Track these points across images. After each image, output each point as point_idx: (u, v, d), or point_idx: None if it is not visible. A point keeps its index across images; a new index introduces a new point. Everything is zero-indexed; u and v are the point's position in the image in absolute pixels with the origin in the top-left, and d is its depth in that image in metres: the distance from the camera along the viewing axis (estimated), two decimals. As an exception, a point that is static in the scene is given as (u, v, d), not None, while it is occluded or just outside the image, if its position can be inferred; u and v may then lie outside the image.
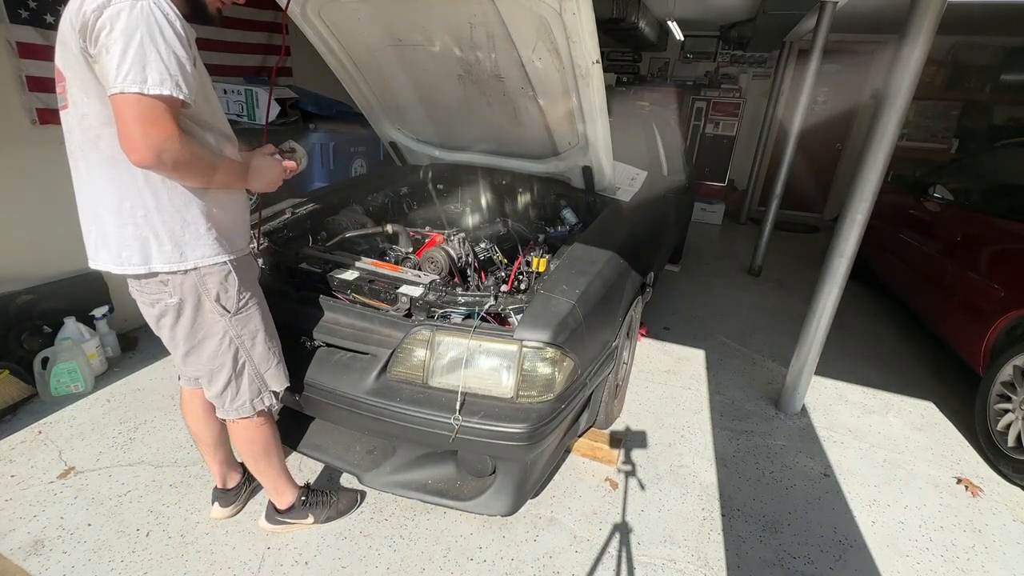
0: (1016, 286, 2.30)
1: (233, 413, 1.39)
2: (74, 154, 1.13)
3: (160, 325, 1.27)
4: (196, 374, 1.37)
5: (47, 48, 2.27)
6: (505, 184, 2.66)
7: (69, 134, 1.11)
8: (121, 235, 1.12)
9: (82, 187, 1.15)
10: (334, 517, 1.71)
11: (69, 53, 1.01)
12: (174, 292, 1.19)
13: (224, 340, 1.28)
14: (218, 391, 1.35)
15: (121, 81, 0.93)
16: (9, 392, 2.14)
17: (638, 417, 2.39)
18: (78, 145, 1.10)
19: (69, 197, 1.19)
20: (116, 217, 1.11)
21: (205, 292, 1.22)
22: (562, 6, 1.55)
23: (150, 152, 0.97)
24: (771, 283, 4.33)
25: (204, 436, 1.59)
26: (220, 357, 1.30)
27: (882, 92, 1.96)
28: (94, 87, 1.02)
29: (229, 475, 1.69)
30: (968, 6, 3.98)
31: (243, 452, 1.51)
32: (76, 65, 1.01)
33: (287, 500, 1.61)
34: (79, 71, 1.02)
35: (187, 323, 1.24)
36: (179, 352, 1.31)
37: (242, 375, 1.35)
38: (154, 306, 1.22)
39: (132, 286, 1.24)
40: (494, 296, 1.57)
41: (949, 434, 2.45)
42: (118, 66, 0.93)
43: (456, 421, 1.39)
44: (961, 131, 5.66)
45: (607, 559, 1.66)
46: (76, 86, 1.04)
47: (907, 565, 1.72)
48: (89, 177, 1.12)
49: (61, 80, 1.07)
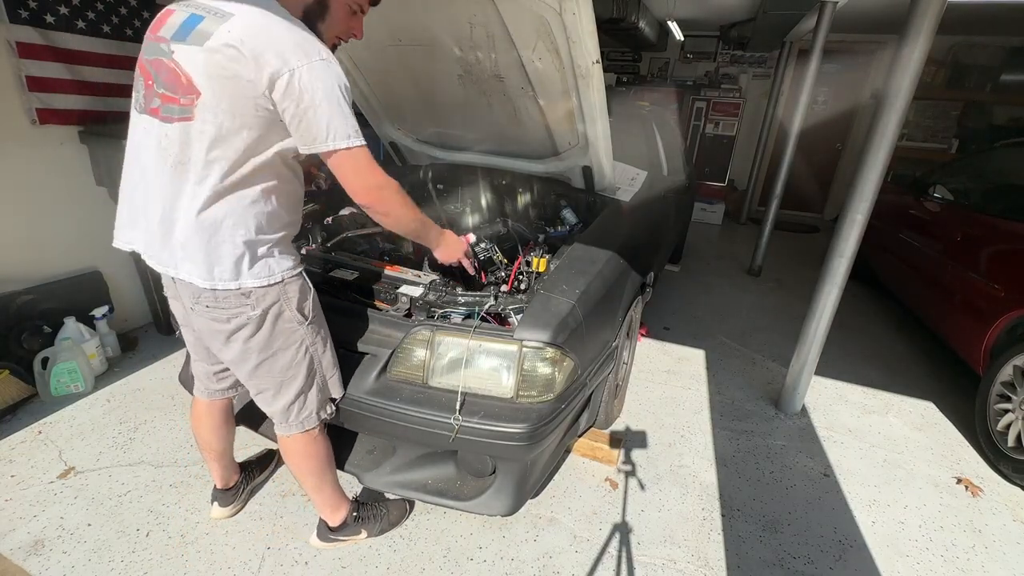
0: (1016, 286, 2.30)
1: (297, 427, 1.35)
2: (177, 166, 1.07)
3: (232, 340, 1.20)
4: (263, 388, 1.31)
5: (47, 48, 2.27)
6: (505, 184, 2.65)
7: (182, 145, 1.05)
8: (217, 252, 1.10)
9: (174, 199, 1.09)
10: (387, 529, 1.69)
11: (229, 81, 1.00)
12: (257, 304, 1.17)
13: (301, 348, 1.27)
14: (286, 403, 1.31)
15: (337, 139, 1.04)
16: (9, 392, 2.14)
17: (638, 417, 2.39)
18: (192, 160, 1.06)
19: (69, 197, 1.19)
20: (214, 234, 1.09)
21: (286, 301, 1.21)
22: (562, 6, 1.55)
23: (374, 192, 1.16)
24: (771, 283, 4.34)
25: (216, 445, 1.58)
26: (294, 367, 1.28)
27: (882, 92, 1.96)
28: (248, 120, 1.03)
29: (230, 477, 1.69)
30: (968, 6, 3.98)
31: (301, 470, 1.45)
32: (236, 96, 1.00)
33: (340, 516, 1.57)
34: (238, 102, 1.01)
35: (265, 334, 1.21)
36: (247, 366, 1.25)
37: (312, 384, 1.33)
38: (229, 321, 1.17)
39: (201, 302, 1.16)
40: (494, 296, 1.57)
41: (949, 434, 2.45)
42: (328, 125, 1.03)
43: (456, 421, 1.39)
44: (961, 131, 5.66)
45: (607, 559, 1.66)
46: (223, 111, 1.02)
47: (907, 565, 1.72)
48: (191, 192, 1.07)
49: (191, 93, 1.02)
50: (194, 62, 1.02)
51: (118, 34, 2.55)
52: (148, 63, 1.08)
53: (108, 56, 2.52)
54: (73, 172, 2.47)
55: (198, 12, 1.05)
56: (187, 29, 1.04)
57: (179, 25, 1.05)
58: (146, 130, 1.10)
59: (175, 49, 1.04)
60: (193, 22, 1.04)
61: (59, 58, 2.32)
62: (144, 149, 1.12)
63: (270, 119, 1.05)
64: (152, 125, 1.09)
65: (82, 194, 2.50)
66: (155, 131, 1.08)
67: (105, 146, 2.36)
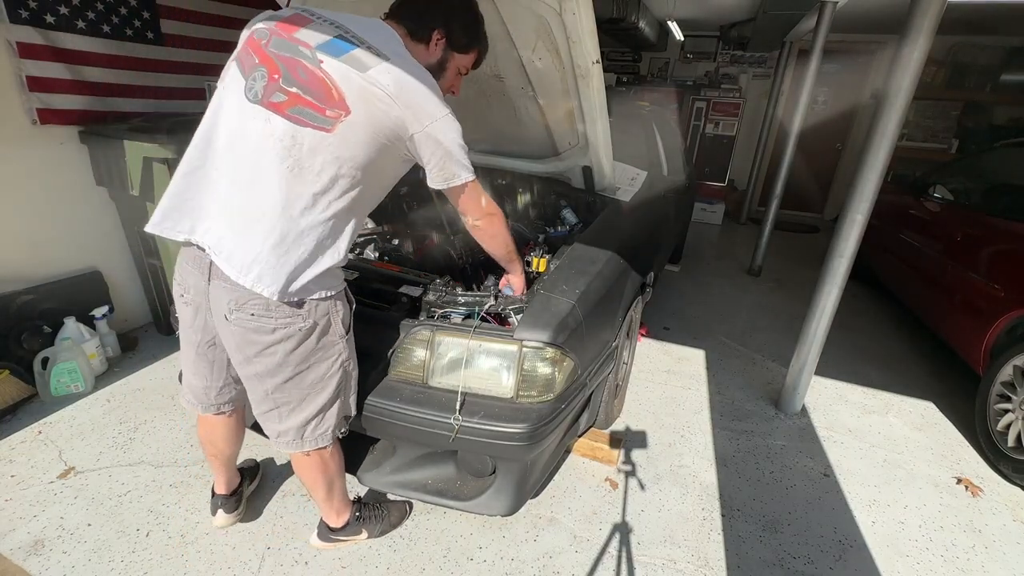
0: (1016, 286, 2.30)
1: (311, 443, 1.31)
2: (295, 170, 1.06)
3: (271, 351, 1.16)
4: (283, 402, 1.25)
5: (47, 48, 2.27)
6: (505, 184, 2.65)
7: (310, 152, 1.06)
8: (307, 262, 1.11)
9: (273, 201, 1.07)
10: (387, 530, 1.69)
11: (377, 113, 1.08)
12: (308, 315, 1.15)
13: (336, 362, 1.26)
14: (305, 419, 1.27)
15: (468, 173, 1.22)
16: (9, 392, 2.14)
17: (638, 417, 2.39)
18: (310, 167, 1.06)
19: (69, 197, 1.18)
20: (313, 244, 1.10)
21: (335, 314, 1.21)
22: (562, 6, 1.55)
23: (486, 215, 1.34)
24: (771, 283, 4.34)
25: (227, 452, 1.54)
26: (326, 380, 1.25)
27: (882, 92, 1.96)
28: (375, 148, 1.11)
29: (233, 480, 1.65)
30: (968, 6, 3.98)
31: (315, 482, 1.42)
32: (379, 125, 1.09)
33: (344, 519, 1.57)
34: (376, 131, 1.09)
35: (310, 346, 1.19)
36: (277, 379, 1.20)
37: (336, 399, 1.31)
38: (274, 332, 1.14)
39: (245, 310, 1.12)
40: (494, 296, 1.57)
41: (949, 434, 2.45)
42: (462, 163, 1.20)
43: (456, 421, 1.39)
44: (961, 131, 5.66)
45: (607, 559, 1.66)
46: (365, 134, 1.09)
47: (907, 565, 1.72)
48: (308, 201, 1.08)
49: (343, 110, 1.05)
50: (350, 83, 1.05)
51: (118, 34, 2.55)
52: (278, 57, 1.08)
53: (108, 56, 2.52)
54: (73, 172, 2.47)
55: (348, 36, 1.09)
56: (339, 49, 1.07)
57: (328, 41, 1.08)
58: (254, 119, 1.07)
59: (324, 60, 1.06)
60: (345, 45, 1.07)
61: (59, 58, 2.32)
62: (246, 139, 1.08)
63: (398, 156, 1.17)
64: (270, 119, 1.06)
65: (82, 194, 2.50)
66: (268, 124, 1.06)
67: (105, 146, 2.36)
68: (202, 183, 1.12)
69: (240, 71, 1.11)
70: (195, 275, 1.19)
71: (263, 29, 1.12)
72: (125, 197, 2.44)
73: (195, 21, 2.92)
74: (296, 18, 1.12)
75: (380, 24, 1.19)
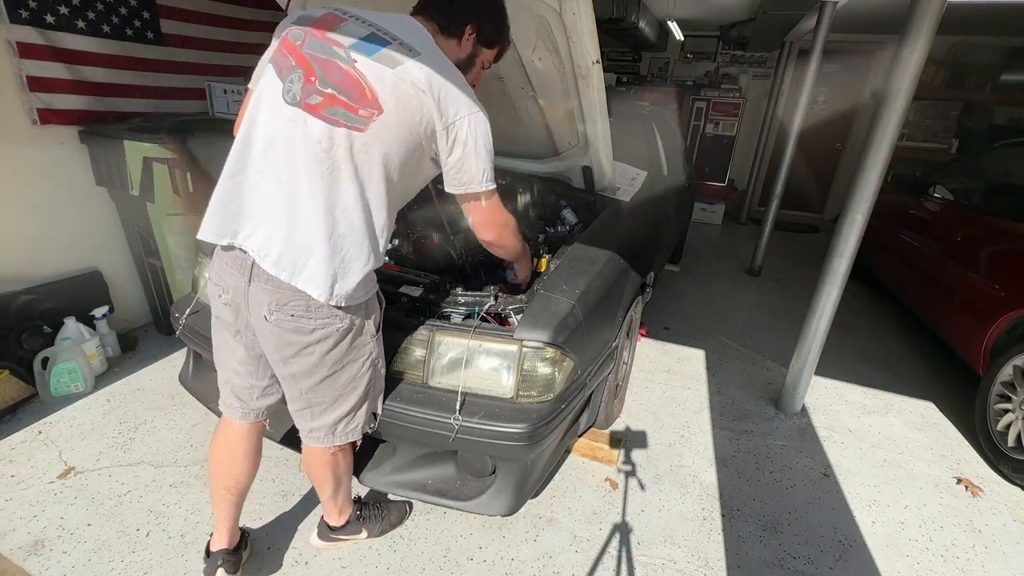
0: (1016, 286, 2.30)
1: (343, 438, 1.33)
2: (335, 172, 1.06)
3: (308, 351, 1.17)
4: (317, 400, 1.25)
5: (47, 48, 2.27)
6: (505, 184, 2.65)
7: (345, 151, 1.06)
8: (349, 265, 1.11)
9: (317, 202, 1.06)
10: (387, 530, 1.69)
11: (411, 109, 1.07)
12: (345, 317, 1.16)
13: (367, 361, 1.27)
14: (338, 417, 1.29)
15: (487, 181, 1.20)
16: (9, 392, 2.14)
17: (638, 417, 2.39)
18: (349, 168, 1.06)
19: (69, 197, 1.18)
20: (356, 250, 1.11)
21: (367, 315, 1.23)
22: (562, 6, 1.55)
23: (496, 230, 1.34)
24: (771, 283, 4.34)
25: (244, 477, 1.39)
26: (357, 380, 1.27)
27: (882, 92, 1.96)
28: (408, 146, 1.11)
29: (235, 531, 1.46)
30: (968, 6, 3.98)
31: (324, 477, 1.42)
32: (412, 123, 1.08)
33: (344, 518, 1.57)
34: (411, 128, 1.09)
35: (345, 346, 1.20)
36: (313, 379, 1.21)
37: (367, 397, 1.32)
38: (313, 332, 1.14)
39: (285, 311, 1.12)
40: (494, 296, 1.57)
41: (949, 434, 2.45)
42: (484, 169, 1.17)
43: (456, 421, 1.39)
44: (961, 131, 5.66)
45: (607, 559, 1.66)
46: (399, 133, 1.08)
47: (907, 565, 1.72)
48: (348, 203, 1.08)
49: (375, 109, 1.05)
50: (383, 81, 1.05)
51: (118, 34, 2.55)
52: (313, 58, 1.07)
53: (108, 56, 2.53)
54: (73, 172, 2.47)
55: (380, 34, 1.08)
56: (372, 47, 1.07)
57: (361, 39, 1.07)
58: (294, 123, 1.06)
59: (357, 59, 1.06)
60: (378, 42, 1.07)
61: (59, 58, 2.33)
62: (285, 142, 1.07)
63: (429, 155, 1.16)
64: (307, 121, 1.05)
65: (82, 194, 2.51)
66: (306, 126, 1.05)
67: (105, 146, 2.36)
68: (244, 187, 1.11)
69: (277, 73, 1.10)
70: (235, 276, 1.16)
71: (297, 31, 1.11)
72: (125, 197, 2.44)
73: (195, 21, 2.92)
74: (329, 18, 1.11)
75: (410, 20, 1.18)
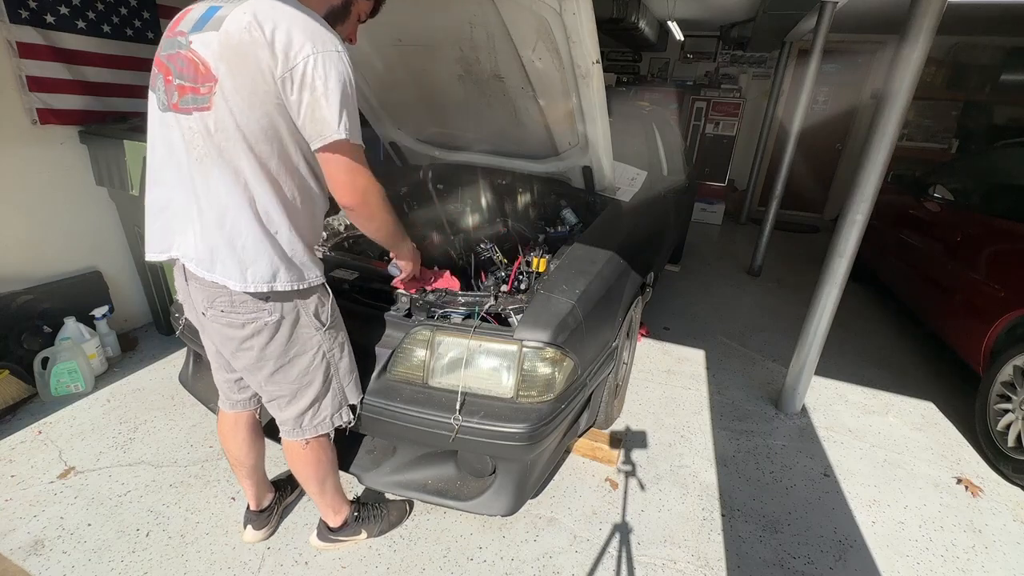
0: (1016, 286, 2.30)
1: (311, 431, 1.34)
2: (204, 161, 1.05)
3: (247, 346, 1.19)
4: (278, 394, 1.29)
5: (47, 48, 2.27)
6: (505, 184, 2.65)
7: (205, 134, 1.03)
8: (254, 252, 1.08)
9: (204, 195, 1.07)
10: (386, 530, 1.69)
11: (248, 67, 0.97)
12: (274, 310, 1.15)
13: (317, 354, 1.26)
14: (301, 409, 1.30)
15: (344, 130, 1.00)
16: (9, 392, 2.14)
17: (638, 417, 2.39)
18: (221, 150, 1.03)
19: (69, 197, 1.18)
20: (252, 233, 1.08)
21: (304, 308, 1.20)
22: (562, 6, 1.55)
23: (359, 195, 1.10)
24: (771, 283, 4.33)
25: (247, 460, 1.52)
26: (311, 373, 1.26)
27: (882, 92, 1.96)
28: (267, 106, 1.00)
29: (264, 496, 1.62)
30: (968, 6, 3.98)
31: (306, 475, 1.44)
32: (255, 82, 0.98)
33: (341, 518, 1.57)
34: (256, 87, 0.99)
35: (283, 340, 1.19)
36: (262, 373, 1.23)
37: (328, 390, 1.32)
38: (244, 327, 1.15)
39: (215, 307, 1.14)
40: (494, 296, 1.57)
41: (949, 434, 2.45)
42: (339, 115, 0.99)
43: (456, 421, 1.39)
44: (961, 131, 5.66)
45: (607, 559, 1.66)
46: (242, 96, 0.99)
47: (907, 565, 1.72)
48: (226, 188, 1.05)
49: (209, 81, 1.00)
50: (210, 47, 1.00)
51: (118, 34, 2.55)
52: (165, 59, 1.07)
53: (108, 56, 2.52)
54: (73, 172, 2.47)
55: (217, 3, 1.04)
56: (205, 19, 1.03)
57: (198, 18, 1.04)
58: (171, 127, 1.08)
59: (192, 39, 1.02)
60: (211, 12, 1.03)
61: (59, 58, 2.32)
62: (170, 148, 1.09)
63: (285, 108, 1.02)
64: (176, 120, 1.06)
65: (82, 194, 2.50)
66: (180, 126, 1.06)
67: (105, 146, 2.36)
68: (160, 202, 1.15)
69: (152, 87, 1.11)
70: (180, 280, 1.24)
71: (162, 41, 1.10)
72: (125, 197, 2.44)
73: (195, 21, 2.92)
74: (182, 13, 1.09)
75: None
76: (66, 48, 2.34)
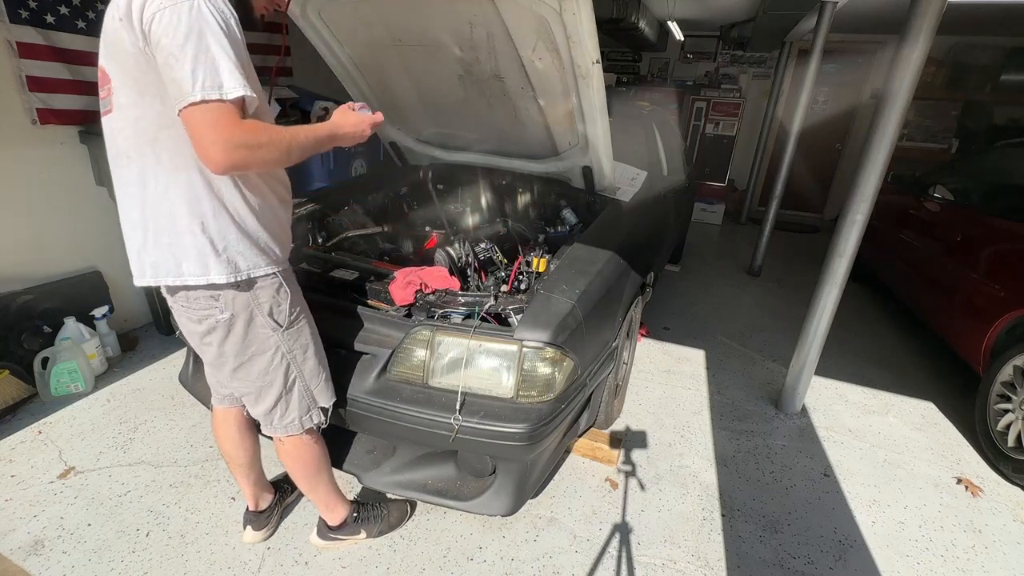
0: (1016, 286, 2.30)
1: (282, 431, 1.34)
2: (119, 160, 1.06)
3: (206, 342, 1.20)
4: (244, 391, 1.30)
5: (47, 48, 2.27)
6: (505, 184, 2.65)
7: (114, 138, 1.05)
8: (179, 245, 1.06)
9: (129, 195, 1.08)
10: (386, 531, 1.68)
11: (121, 53, 0.96)
12: (225, 307, 1.14)
13: (276, 355, 1.24)
14: (266, 408, 1.30)
15: (200, 89, 0.89)
16: (9, 392, 2.14)
17: (638, 417, 2.39)
18: (127, 151, 1.04)
19: (69, 197, 1.18)
20: (173, 226, 1.06)
21: (257, 306, 1.17)
22: (562, 6, 1.55)
23: (226, 154, 0.92)
24: (771, 283, 4.34)
25: (238, 457, 1.52)
26: (271, 373, 1.25)
27: (882, 92, 1.96)
28: (152, 87, 0.97)
29: (261, 496, 1.62)
30: (968, 6, 3.98)
31: (293, 471, 1.45)
32: (131, 66, 0.96)
33: (339, 517, 1.57)
34: (134, 72, 0.96)
35: (237, 339, 1.18)
36: (226, 369, 1.24)
37: (292, 391, 1.30)
38: (201, 323, 1.16)
39: (177, 301, 1.16)
40: (494, 296, 1.57)
41: (949, 434, 2.45)
42: (192, 72, 0.88)
43: (456, 421, 1.39)
44: (961, 131, 5.65)
45: (607, 559, 1.66)
46: (129, 87, 0.98)
47: (907, 565, 1.72)
48: (142, 184, 1.05)
49: (107, 83, 1.02)
50: (102, 51, 1.02)
51: (118, 34, 2.55)
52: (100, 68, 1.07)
53: (108, 56, 2.52)
54: (73, 172, 2.47)
55: None
56: None
57: None
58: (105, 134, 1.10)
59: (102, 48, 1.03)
60: None
61: (59, 58, 2.33)
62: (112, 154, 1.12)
63: None
64: (104, 129, 1.09)
65: (82, 194, 2.50)
66: (107, 130, 1.09)
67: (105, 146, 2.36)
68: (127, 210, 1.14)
69: None
70: None
71: None
72: (125, 197, 2.44)
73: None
74: None
75: None
76: (66, 48, 2.34)
